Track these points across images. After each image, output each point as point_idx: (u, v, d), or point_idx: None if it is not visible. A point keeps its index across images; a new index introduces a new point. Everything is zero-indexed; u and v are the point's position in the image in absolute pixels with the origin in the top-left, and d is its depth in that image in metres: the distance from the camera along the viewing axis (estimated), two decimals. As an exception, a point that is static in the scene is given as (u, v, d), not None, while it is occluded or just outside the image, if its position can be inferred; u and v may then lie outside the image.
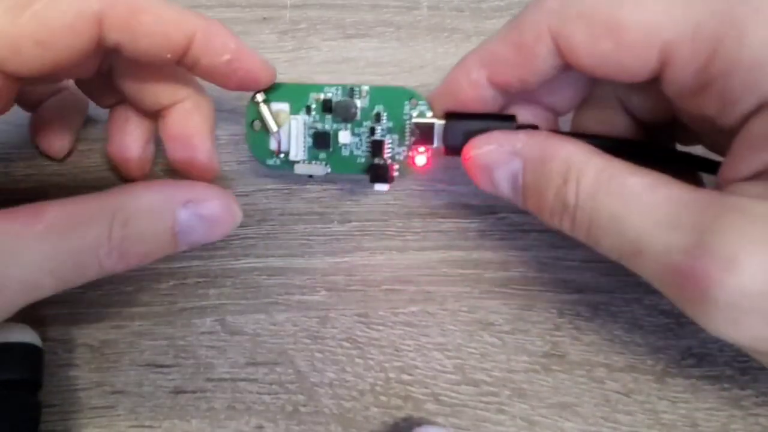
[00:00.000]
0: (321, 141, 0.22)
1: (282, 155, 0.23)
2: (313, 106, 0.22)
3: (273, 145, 0.22)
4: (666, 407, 0.23)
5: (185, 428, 0.23)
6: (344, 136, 0.22)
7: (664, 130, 0.22)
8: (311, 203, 0.26)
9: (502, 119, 0.21)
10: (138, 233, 0.18)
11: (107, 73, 0.21)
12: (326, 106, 0.22)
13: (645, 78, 0.18)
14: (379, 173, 0.22)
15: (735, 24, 0.16)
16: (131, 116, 0.23)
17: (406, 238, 0.25)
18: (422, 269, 0.25)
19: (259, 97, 0.22)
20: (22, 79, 0.18)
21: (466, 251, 0.25)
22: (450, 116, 0.21)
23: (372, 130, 0.22)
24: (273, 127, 0.22)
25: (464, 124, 0.21)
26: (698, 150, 0.21)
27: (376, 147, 0.22)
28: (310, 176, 0.23)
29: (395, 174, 0.22)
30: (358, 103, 0.22)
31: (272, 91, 0.22)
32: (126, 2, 0.18)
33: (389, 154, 0.22)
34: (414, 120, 0.22)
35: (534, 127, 0.20)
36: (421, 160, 0.22)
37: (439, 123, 0.21)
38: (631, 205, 0.17)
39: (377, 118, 0.22)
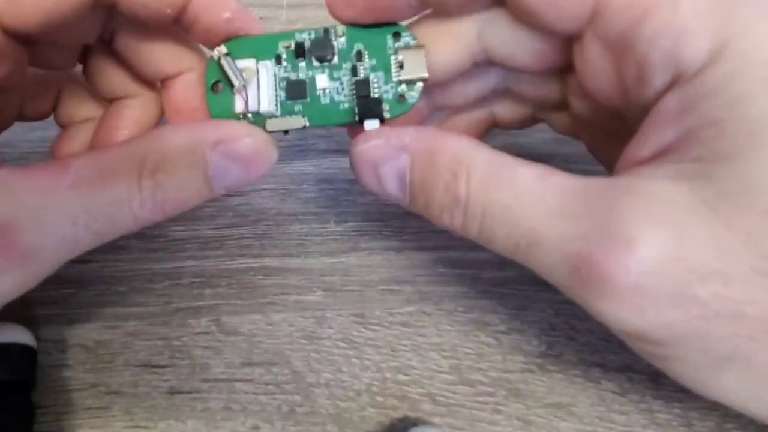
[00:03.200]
0: (295, 90, 0.19)
1: (250, 115, 0.20)
2: (284, 55, 0.20)
3: (239, 105, 0.19)
4: (661, 407, 0.23)
5: (181, 429, 0.23)
6: (322, 80, 0.19)
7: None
8: (307, 203, 0.26)
9: None
10: (169, 180, 0.17)
11: (110, 41, 0.21)
12: (299, 52, 0.20)
13: (571, 30, 0.17)
14: (369, 106, 0.19)
15: None
16: (129, 113, 0.23)
17: (402, 238, 0.25)
18: (419, 269, 0.25)
19: (221, 50, 0.19)
20: (24, 39, 0.17)
21: (463, 251, 0.25)
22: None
23: (354, 70, 0.20)
24: (238, 81, 0.19)
25: None
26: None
27: (362, 87, 0.19)
28: (286, 132, 0.20)
29: (387, 115, 0.19)
30: (335, 44, 0.20)
31: (235, 46, 0.20)
32: None
33: (377, 95, 0.19)
34: (401, 51, 0.19)
35: None
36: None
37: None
38: (524, 195, 0.16)
39: (359, 56, 0.20)
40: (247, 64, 0.20)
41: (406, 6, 0.19)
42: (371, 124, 0.19)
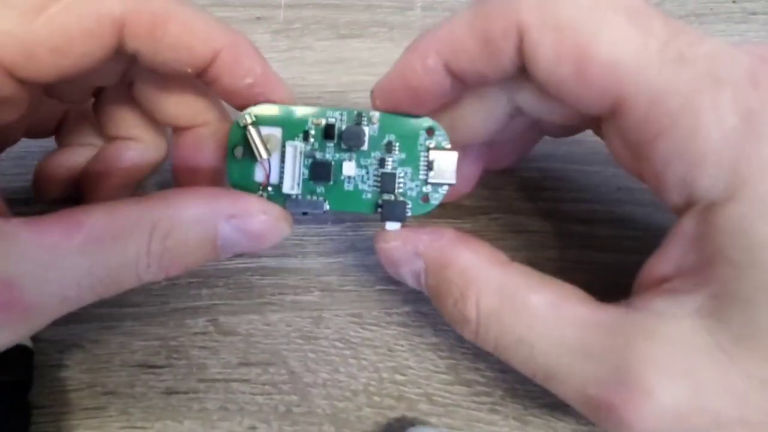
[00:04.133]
0: (320, 172, 0.19)
1: (270, 188, 0.20)
2: (312, 131, 0.19)
3: (259, 176, 0.19)
4: (657, 406, 0.23)
5: (178, 429, 0.23)
6: (349, 168, 0.19)
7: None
8: (305, 203, 0.26)
9: None
10: (178, 246, 0.17)
11: (129, 84, 0.20)
12: (328, 133, 0.19)
13: (593, 114, 0.17)
14: (392, 210, 0.19)
15: (696, 114, 0.15)
16: (129, 156, 0.22)
17: (399, 238, 0.25)
18: (416, 269, 0.25)
19: (248, 118, 0.19)
20: (40, 86, 0.17)
21: (460, 251, 0.25)
22: None
23: (382, 162, 0.20)
24: (263, 153, 0.19)
25: None
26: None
27: (387, 181, 0.19)
28: (305, 213, 0.20)
29: (408, 213, 0.20)
30: (367, 130, 0.19)
31: (263, 112, 0.19)
32: (150, 9, 0.16)
33: (401, 190, 0.20)
34: (431, 151, 0.19)
35: None
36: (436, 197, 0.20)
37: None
38: (537, 327, 0.17)
39: (388, 148, 0.19)
40: (273, 132, 0.19)
41: (449, 91, 0.18)
42: (392, 226, 0.19)
